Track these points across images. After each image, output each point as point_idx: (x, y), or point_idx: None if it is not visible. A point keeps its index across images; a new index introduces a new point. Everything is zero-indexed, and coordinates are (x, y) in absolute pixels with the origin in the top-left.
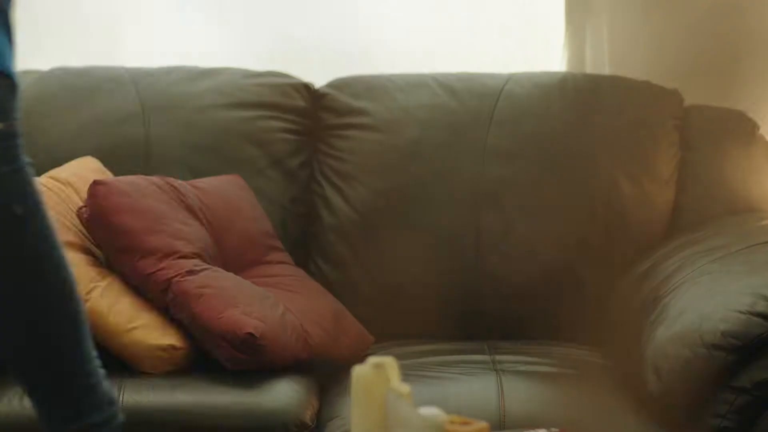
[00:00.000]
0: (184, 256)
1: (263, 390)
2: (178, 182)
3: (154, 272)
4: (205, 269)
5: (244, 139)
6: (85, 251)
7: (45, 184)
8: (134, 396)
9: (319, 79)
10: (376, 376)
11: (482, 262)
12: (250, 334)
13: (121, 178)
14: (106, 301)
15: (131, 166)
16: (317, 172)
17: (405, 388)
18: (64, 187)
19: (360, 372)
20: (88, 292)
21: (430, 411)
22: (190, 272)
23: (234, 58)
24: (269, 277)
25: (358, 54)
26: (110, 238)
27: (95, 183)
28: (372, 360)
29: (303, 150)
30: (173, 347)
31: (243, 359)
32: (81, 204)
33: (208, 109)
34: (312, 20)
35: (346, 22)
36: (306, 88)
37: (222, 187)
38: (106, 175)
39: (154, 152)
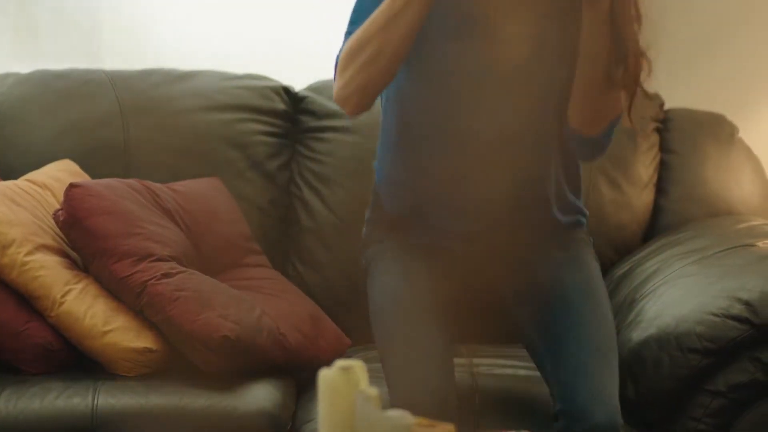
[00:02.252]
0: (160, 259)
1: (239, 393)
2: (155, 185)
3: (129, 275)
4: (181, 272)
5: (223, 141)
6: (62, 254)
7: (21, 186)
8: (109, 399)
9: (298, 81)
10: (343, 379)
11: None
12: (226, 337)
13: (97, 180)
14: (81, 304)
15: (110, 169)
16: (296, 174)
17: (373, 391)
18: (40, 190)
19: (327, 375)
20: (64, 295)
21: (397, 413)
22: (166, 275)
23: (213, 61)
24: (246, 280)
25: None
26: (86, 241)
27: (71, 185)
28: (339, 363)
29: (282, 152)
30: (149, 350)
31: (218, 362)
32: (58, 207)
33: (187, 111)
34: (292, 22)
35: (326, 25)
36: (285, 91)
37: (199, 190)
38: (83, 177)
39: (132, 155)
